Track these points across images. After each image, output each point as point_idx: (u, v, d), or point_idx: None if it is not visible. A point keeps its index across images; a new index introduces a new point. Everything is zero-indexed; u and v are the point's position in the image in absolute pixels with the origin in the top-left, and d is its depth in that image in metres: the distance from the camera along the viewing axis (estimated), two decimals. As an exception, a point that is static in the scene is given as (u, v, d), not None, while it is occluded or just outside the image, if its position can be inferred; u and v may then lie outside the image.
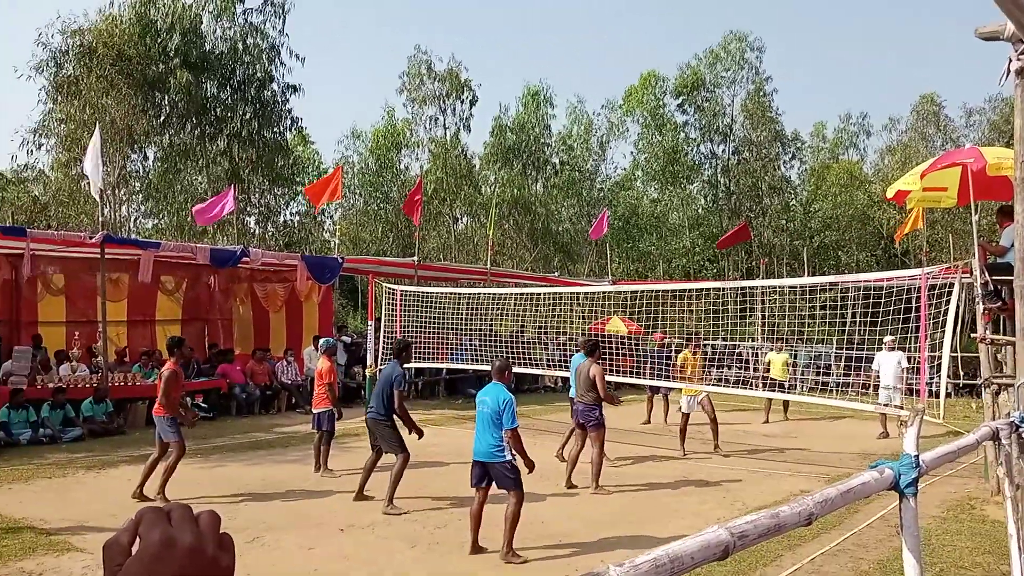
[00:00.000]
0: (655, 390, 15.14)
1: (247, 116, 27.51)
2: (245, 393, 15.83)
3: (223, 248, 17.46)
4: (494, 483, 6.76)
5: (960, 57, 66.03)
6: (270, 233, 31.05)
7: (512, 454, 6.70)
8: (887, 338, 13.12)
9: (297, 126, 31.17)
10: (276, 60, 28.65)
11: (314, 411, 10.22)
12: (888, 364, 13.41)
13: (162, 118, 27.04)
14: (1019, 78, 3.46)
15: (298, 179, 33.77)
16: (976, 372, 13.22)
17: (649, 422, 15.11)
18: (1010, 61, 3.64)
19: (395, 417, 8.51)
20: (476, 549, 6.74)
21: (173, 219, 27.78)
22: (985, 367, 8.90)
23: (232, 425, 14.11)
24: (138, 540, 0.69)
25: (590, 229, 26.52)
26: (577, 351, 11.07)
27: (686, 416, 11.98)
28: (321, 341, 11.52)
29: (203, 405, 14.90)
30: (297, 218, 33.78)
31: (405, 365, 9.16)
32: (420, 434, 8.60)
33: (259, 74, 28.20)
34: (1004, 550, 3.44)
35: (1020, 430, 3.75)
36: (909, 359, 13.48)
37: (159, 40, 25.95)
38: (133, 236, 22.85)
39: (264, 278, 18.50)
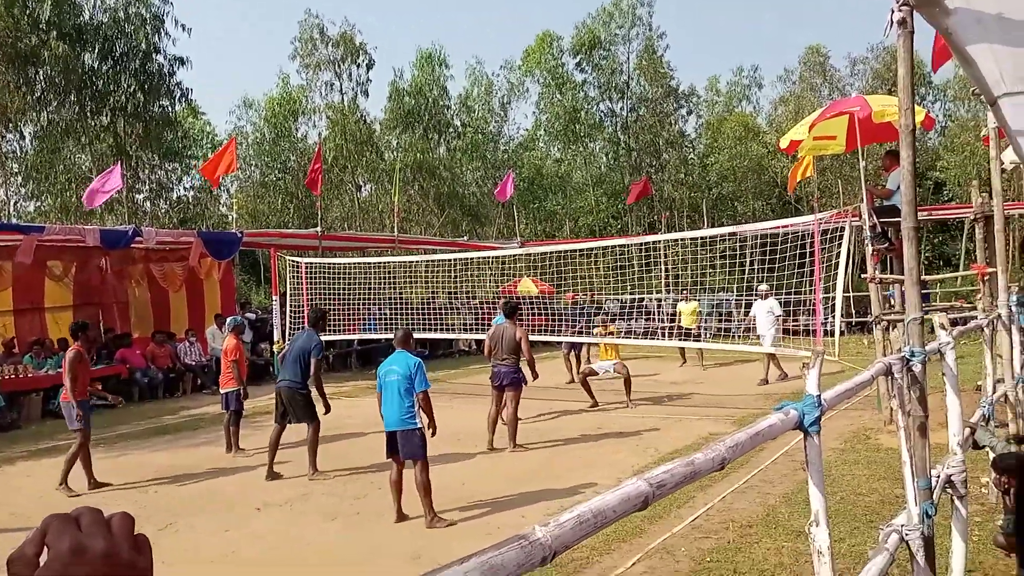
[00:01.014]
0: (571, 346, 15.37)
1: (131, 89, 25.98)
2: (147, 377, 15.27)
3: (113, 229, 16.69)
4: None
5: (844, 8, 68.52)
6: (163, 210, 29.76)
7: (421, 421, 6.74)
8: (762, 287, 13.62)
9: (186, 98, 29.81)
10: (160, 30, 27.15)
11: (222, 391, 10.01)
12: (761, 312, 13.92)
13: (38, 94, 25.29)
14: (901, 28, 3.59)
15: (190, 153, 32.39)
16: (867, 310, 13.92)
17: (573, 380, 15.23)
18: (892, 12, 3.76)
19: (309, 386, 8.52)
20: (401, 517, 6.72)
21: (57, 200, 26.24)
22: (875, 305, 9.38)
23: (135, 411, 13.57)
24: (46, 551, 0.63)
25: (496, 191, 26.51)
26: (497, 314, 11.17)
27: (591, 372, 12.31)
28: (228, 319, 11.19)
29: (102, 393, 14.28)
30: (192, 193, 32.46)
31: (321, 334, 9.08)
32: (328, 409, 8.65)
33: (143, 45, 26.68)
34: (898, 475, 3.65)
35: (910, 364, 3.96)
36: (804, 302, 14.06)
37: (28, 11, 24.16)
38: (14, 220, 21.53)
39: (160, 258, 17.77)
